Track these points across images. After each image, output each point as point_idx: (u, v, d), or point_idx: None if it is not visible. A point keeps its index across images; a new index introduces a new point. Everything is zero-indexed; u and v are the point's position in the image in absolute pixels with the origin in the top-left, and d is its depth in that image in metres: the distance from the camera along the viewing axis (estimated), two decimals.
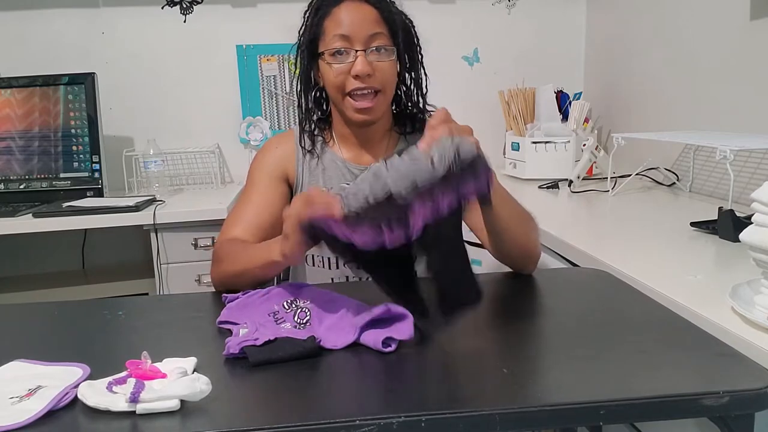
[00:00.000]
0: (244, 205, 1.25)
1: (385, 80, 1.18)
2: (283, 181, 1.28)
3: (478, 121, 2.52)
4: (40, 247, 2.36)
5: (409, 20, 1.24)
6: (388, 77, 1.18)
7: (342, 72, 1.15)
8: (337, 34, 1.14)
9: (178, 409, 0.68)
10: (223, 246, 1.18)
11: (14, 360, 0.81)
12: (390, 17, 1.17)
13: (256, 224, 1.22)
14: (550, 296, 1.09)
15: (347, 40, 1.14)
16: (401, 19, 1.21)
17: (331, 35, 1.15)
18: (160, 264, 1.97)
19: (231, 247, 1.16)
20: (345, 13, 1.15)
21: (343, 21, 1.14)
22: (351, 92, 1.16)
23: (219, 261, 1.15)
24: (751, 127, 1.68)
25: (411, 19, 1.24)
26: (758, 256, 0.86)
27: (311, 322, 0.91)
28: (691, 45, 1.93)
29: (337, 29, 1.14)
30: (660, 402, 0.68)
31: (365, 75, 1.14)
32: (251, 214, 1.23)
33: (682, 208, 1.70)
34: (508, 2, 2.60)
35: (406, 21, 1.22)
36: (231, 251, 1.14)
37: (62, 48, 2.36)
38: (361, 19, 1.14)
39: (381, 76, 1.16)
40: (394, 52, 1.18)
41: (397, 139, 1.30)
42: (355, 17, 1.14)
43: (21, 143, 2.16)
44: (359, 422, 0.65)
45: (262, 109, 2.51)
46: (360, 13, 1.15)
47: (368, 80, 1.15)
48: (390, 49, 1.17)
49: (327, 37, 1.16)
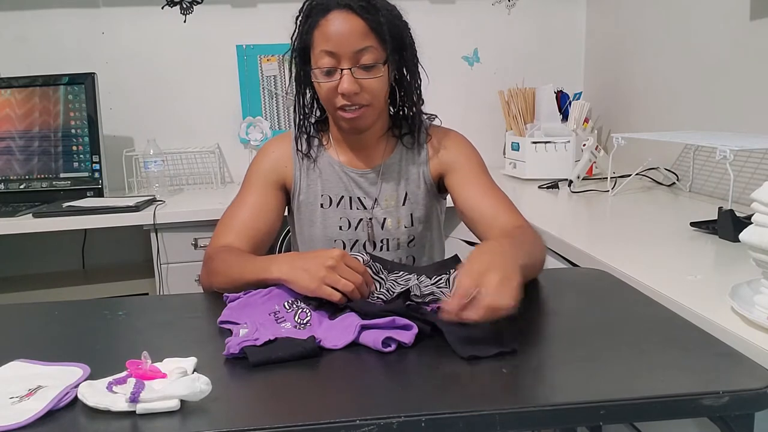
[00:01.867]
0: (238, 209, 1.24)
1: (373, 95, 1.16)
2: (279, 188, 1.28)
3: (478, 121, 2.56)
4: (40, 247, 2.36)
5: (403, 22, 1.20)
6: (375, 92, 1.16)
7: (330, 89, 1.14)
8: (324, 50, 1.12)
9: (178, 409, 0.68)
10: (218, 255, 1.14)
11: (14, 360, 0.81)
12: (378, 27, 1.13)
13: (250, 230, 1.20)
14: (550, 296, 1.09)
15: (334, 56, 1.12)
16: (392, 26, 1.16)
17: (319, 50, 1.13)
18: (160, 264, 1.97)
19: (226, 257, 1.13)
20: (332, 26, 1.11)
21: (331, 35, 1.11)
22: (340, 107, 1.16)
23: (213, 273, 1.12)
24: (751, 127, 1.68)
25: (405, 20, 1.20)
26: (758, 256, 0.86)
27: (311, 322, 0.91)
28: (691, 45, 1.93)
29: (324, 44, 1.12)
30: (660, 402, 0.68)
31: (351, 93, 1.13)
32: (245, 218, 1.22)
33: (682, 208, 1.70)
34: (508, 2, 2.60)
35: (397, 25, 1.18)
36: (225, 262, 1.11)
37: (62, 48, 2.36)
38: (348, 33, 1.11)
39: (368, 92, 1.15)
40: (382, 66, 1.15)
41: (394, 144, 1.29)
42: (342, 30, 1.11)
43: (21, 143, 2.16)
44: (359, 422, 0.65)
45: (262, 109, 2.51)
46: (347, 25, 1.11)
47: (355, 98, 1.14)
48: (378, 64, 1.14)
49: (315, 50, 1.14)
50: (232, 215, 1.23)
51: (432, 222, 1.32)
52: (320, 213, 1.27)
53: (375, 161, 1.28)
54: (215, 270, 1.11)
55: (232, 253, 1.14)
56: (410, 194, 1.28)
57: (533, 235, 1.12)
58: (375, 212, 1.27)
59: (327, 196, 1.27)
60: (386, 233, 1.27)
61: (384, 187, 1.27)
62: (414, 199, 1.28)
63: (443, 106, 1.40)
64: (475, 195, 1.22)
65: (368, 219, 1.26)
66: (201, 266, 1.17)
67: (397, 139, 1.29)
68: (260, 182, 1.26)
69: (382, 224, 1.27)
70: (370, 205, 1.26)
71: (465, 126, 1.46)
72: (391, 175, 1.28)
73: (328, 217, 1.27)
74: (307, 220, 1.28)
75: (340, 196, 1.27)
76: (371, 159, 1.28)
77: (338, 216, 1.26)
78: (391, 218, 1.27)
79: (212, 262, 1.13)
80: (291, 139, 1.30)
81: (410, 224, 1.27)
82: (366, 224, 1.26)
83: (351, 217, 1.26)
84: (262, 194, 1.25)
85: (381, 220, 1.27)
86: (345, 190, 1.27)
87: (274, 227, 1.25)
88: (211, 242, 1.21)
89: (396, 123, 1.29)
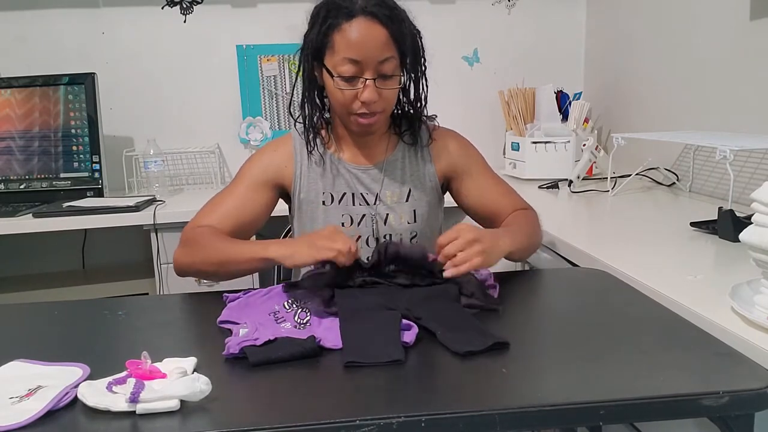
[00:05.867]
0: (226, 197, 1.25)
1: (388, 103, 1.19)
2: (273, 187, 1.28)
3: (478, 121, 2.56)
4: (40, 247, 2.36)
5: (417, 31, 1.21)
6: (391, 101, 1.20)
7: (351, 96, 1.15)
8: (347, 57, 1.12)
9: (178, 409, 0.68)
10: (197, 230, 1.16)
11: (14, 360, 0.81)
12: (401, 38, 1.15)
13: (234, 219, 1.21)
14: (550, 296, 1.09)
15: (357, 65, 1.12)
16: (410, 37, 1.18)
17: (341, 56, 1.12)
18: (160, 264, 1.97)
19: (209, 234, 1.16)
20: (357, 33, 1.11)
21: (354, 42, 1.11)
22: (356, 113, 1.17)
23: (193, 244, 1.14)
24: (751, 127, 1.68)
25: (418, 29, 1.21)
26: (758, 256, 0.86)
27: (311, 322, 0.92)
28: (691, 45, 1.93)
29: (348, 51, 1.12)
30: (660, 402, 0.68)
31: (372, 103, 1.15)
32: (231, 207, 1.23)
33: (682, 208, 1.70)
34: (508, 2, 2.60)
35: (414, 35, 1.19)
36: (208, 238, 1.14)
37: (62, 48, 2.36)
38: (373, 42, 1.12)
39: (385, 100, 1.17)
40: (400, 75, 1.18)
41: (396, 141, 1.30)
42: (367, 39, 1.11)
43: (21, 143, 2.16)
44: (359, 422, 0.65)
45: (262, 109, 2.51)
46: (371, 34, 1.11)
47: (372, 106, 1.16)
48: (397, 75, 1.17)
49: (336, 55, 1.13)
50: (218, 201, 1.25)
51: (433, 219, 1.32)
52: (322, 210, 1.27)
53: (377, 158, 1.28)
54: (201, 246, 1.14)
55: (216, 234, 1.17)
56: (414, 191, 1.28)
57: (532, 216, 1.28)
58: (378, 208, 1.27)
59: (329, 193, 1.27)
60: (389, 229, 1.27)
61: (387, 183, 1.28)
62: (417, 196, 1.29)
63: (443, 106, 1.40)
64: (489, 194, 1.31)
65: (372, 215, 1.26)
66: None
67: (398, 136, 1.30)
68: (253, 177, 1.26)
69: (385, 220, 1.27)
70: (372, 201, 1.27)
71: (465, 126, 1.46)
72: (395, 172, 1.28)
73: (330, 214, 1.27)
74: (309, 218, 1.28)
75: (342, 193, 1.27)
76: (374, 155, 1.28)
77: (340, 213, 1.27)
78: (393, 214, 1.27)
79: (196, 238, 1.16)
80: (291, 139, 1.30)
81: (413, 220, 1.28)
82: (370, 220, 1.26)
83: (354, 213, 1.27)
84: (253, 189, 1.25)
85: (384, 216, 1.27)
86: (347, 187, 1.27)
87: (259, 222, 1.26)
88: (192, 221, 1.22)
89: (396, 121, 1.30)
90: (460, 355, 0.80)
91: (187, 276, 1.18)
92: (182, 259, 1.17)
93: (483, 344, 0.81)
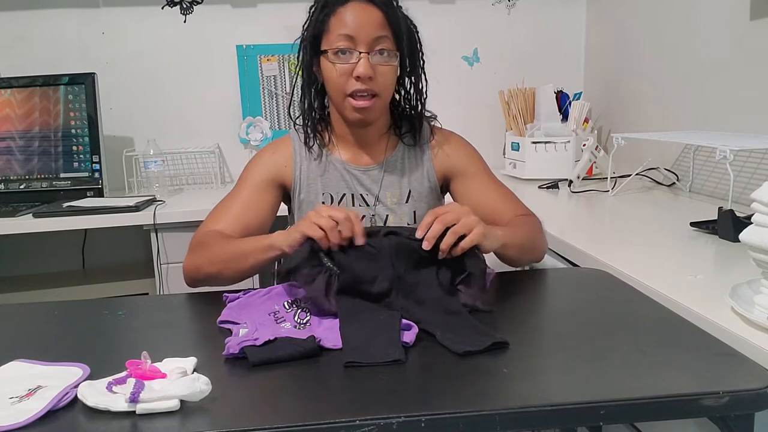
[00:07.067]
0: (231, 202, 1.25)
1: (385, 84, 1.18)
2: (276, 186, 1.28)
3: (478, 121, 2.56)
4: (40, 247, 2.36)
5: (414, 25, 1.23)
6: (387, 82, 1.19)
7: (344, 72, 1.15)
8: (342, 33, 1.14)
9: (178, 409, 0.68)
10: (211, 237, 1.17)
11: (14, 360, 0.81)
12: (395, 21, 1.17)
13: (242, 222, 1.21)
14: (550, 296, 1.09)
15: (351, 40, 1.14)
16: (406, 24, 1.20)
17: (336, 34, 1.15)
18: (160, 264, 1.97)
19: (217, 236, 1.16)
20: (351, 14, 1.14)
21: (349, 21, 1.14)
22: (351, 93, 1.17)
23: (201, 248, 1.15)
24: (751, 127, 1.68)
25: (415, 24, 1.23)
26: (758, 256, 0.86)
27: (311, 322, 0.92)
28: (691, 45, 1.93)
29: (342, 29, 1.14)
30: (660, 402, 0.68)
31: (366, 77, 1.14)
32: (238, 210, 1.23)
33: (682, 208, 1.70)
34: (508, 2, 2.60)
35: (410, 26, 1.22)
36: (217, 240, 1.15)
37: (62, 48, 2.36)
38: (366, 21, 1.14)
39: (381, 80, 1.17)
40: (396, 57, 1.18)
41: (396, 142, 1.29)
42: (361, 18, 1.14)
43: (21, 143, 2.16)
44: (359, 422, 0.65)
45: (262, 109, 2.51)
46: (366, 14, 1.14)
47: (369, 83, 1.15)
48: (393, 53, 1.17)
49: (331, 35, 1.15)
50: (224, 206, 1.25)
51: None
52: None
53: (377, 158, 1.28)
54: (207, 248, 1.14)
55: (224, 237, 1.17)
56: (414, 192, 1.28)
57: (533, 221, 1.24)
58: (377, 209, 1.27)
59: (328, 194, 1.27)
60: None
61: (387, 183, 1.27)
62: (417, 197, 1.28)
63: (443, 106, 1.40)
64: (488, 197, 1.27)
65: (371, 216, 1.26)
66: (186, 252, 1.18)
67: (398, 137, 1.29)
68: (256, 179, 1.26)
69: (385, 221, 1.27)
70: (372, 202, 1.27)
71: (465, 126, 1.46)
72: (394, 172, 1.28)
73: None
74: None
75: (341, 194, 1.27)
76: (373, 156, 1.28)
77: None
78: (393, 215, 1.27)
79: (203, 242, 1.16)
80: (291, 140, 1.30)
81: (413, 221, 1.28)
82: (370, 221, 1.26)
83: None
84: (257, 191, 1.25)
85: (383, 217, 1.27)
86: (347, 188, 1.27)
87: (266, 223, 1.26)
88: (199, 228, 1.22)
89: (396, 122, 1.30)
90: (460, 355, 0.80)
91: (198, 284, 1.16)
92: (190, 263, 1.16)
93: (483, 344, 0.81)
